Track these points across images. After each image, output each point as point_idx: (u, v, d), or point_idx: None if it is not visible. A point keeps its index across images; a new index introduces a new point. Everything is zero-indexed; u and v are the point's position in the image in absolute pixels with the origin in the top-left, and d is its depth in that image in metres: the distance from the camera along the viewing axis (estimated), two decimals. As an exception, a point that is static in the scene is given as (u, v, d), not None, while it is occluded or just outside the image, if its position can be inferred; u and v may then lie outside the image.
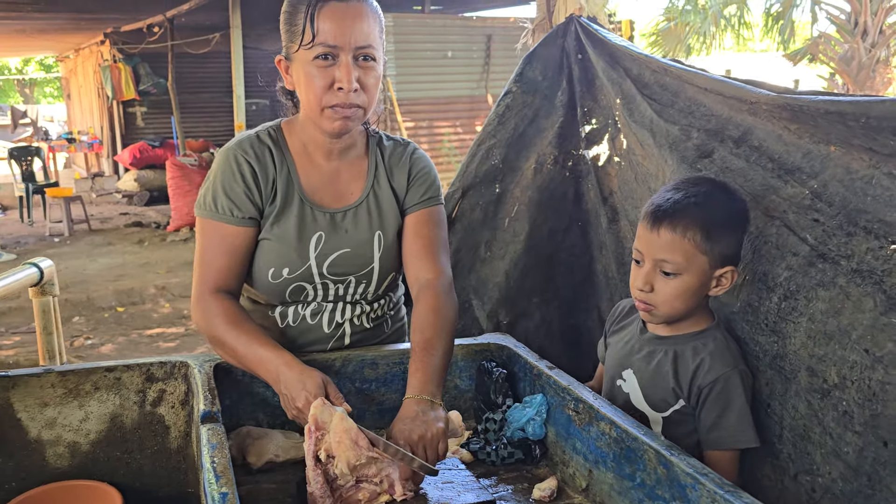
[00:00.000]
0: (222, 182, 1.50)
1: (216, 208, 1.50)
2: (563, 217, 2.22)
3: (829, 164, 1.33)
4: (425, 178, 1.62)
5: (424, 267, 1.55)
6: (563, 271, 2.24)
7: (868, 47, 10.89)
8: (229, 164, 1.51)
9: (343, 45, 1.39)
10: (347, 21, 1.39)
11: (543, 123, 2.21)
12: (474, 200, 2.25)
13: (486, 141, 2.25)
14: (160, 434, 1.51)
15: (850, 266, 1.25)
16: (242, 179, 1.50)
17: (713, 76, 1.59)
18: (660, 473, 1.17)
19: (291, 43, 1.43)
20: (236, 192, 1.50)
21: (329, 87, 1.41)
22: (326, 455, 1.26)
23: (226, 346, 1.45)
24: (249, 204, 1.50)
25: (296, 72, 1.45)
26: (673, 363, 1.39)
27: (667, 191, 1.40)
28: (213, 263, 1.50)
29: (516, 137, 2.22)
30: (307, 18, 1.39)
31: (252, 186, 1.50)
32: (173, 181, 9.27)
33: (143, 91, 12.37)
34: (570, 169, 2.21)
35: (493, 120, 2.25)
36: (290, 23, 1.43)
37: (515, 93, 2.23)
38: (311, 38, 1.39)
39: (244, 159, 1.51)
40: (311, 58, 1.40)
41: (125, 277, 7.15)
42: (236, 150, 1.52)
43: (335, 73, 1.40)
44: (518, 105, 2.22)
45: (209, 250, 1.51)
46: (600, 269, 2.20)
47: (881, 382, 1.16)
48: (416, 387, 1.37)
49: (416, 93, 9.54)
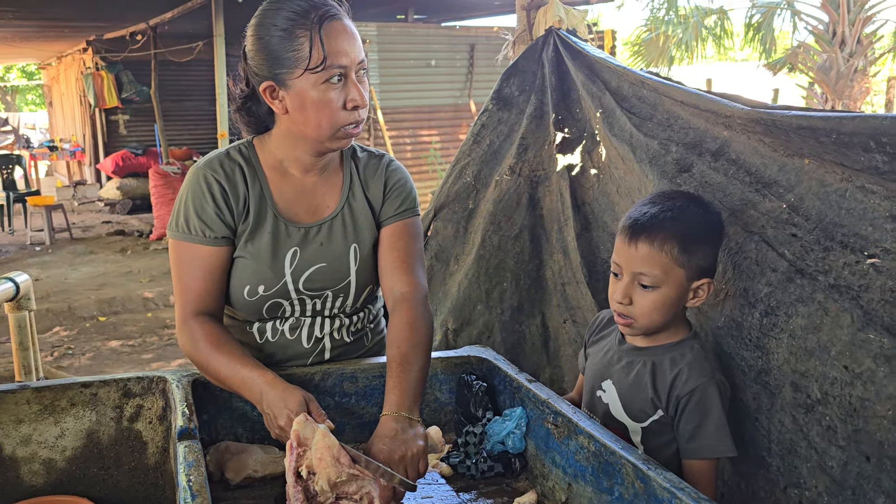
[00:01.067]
0: (193, 203, 1.49)
1: (188, 229, 1.48)
2: (515, 225, 2.25)
3: (804, 177, 1.35)
4: (401, 189, 1.60)
5: (400, 280, 1.54)
6: (509, 278, 2.26)
7: (846, 57, 11.03)
8: (199, 184, 1.49)
9: (350, 65, 1.39)
10: (349, 39, 1.39)
11: (515, 137, 2.23)
12: (447, 218, 2.28)
13: (462, 160, 2.28)
14: (137, 450, 1.49)
15: (827, 281, 1.26)
16: (213, 199, 1.48)
17: (689, 89, 1.61)
18: (637, 487, 1.17)
19: (290, 68, 1.38)
20: (207, 213, 1.48)
21: (343, 108, 1.40)
22: (307, 471, 1.25)
23: (210, 369, 1.44)
24: (221, 223, 1.49)
25: (296, 98, 1.40)
26: (651, 374, 1.40)
27: (643, 205, 1.41)
28: (191, 287, 1.49)
29: (490, 154, 2.25)
30: (314, 41, 1.36)
31: (223, 206, 1.49)
32: (156, 189, 9.21)
33: (126, 99, 12.27)
34: (525, 176, 2.23)
35: (469, 139, 2.28)
36: (286, 48, 1.38)
37: (491, 110, 2.25)
38: (321, 61, 1.36)
39: (214, 178, 1.49)
40: (321, 81, 1.37)
41: (107, 286, 7.09)
42: (205, 169, 1.50)
43: (348, 92, 1.40)
44: (493, 122, 2.25)
45: (186, 274, 1.50)
46: (549, 274, 2.22)
47: (861, 399, 1.17)
48: (393, 403, 1.36)
49: (400, 101, 9.55)
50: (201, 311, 1.49)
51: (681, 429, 1.36)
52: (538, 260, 2.24)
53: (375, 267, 1.59)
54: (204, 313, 1.49)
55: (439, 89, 9.91)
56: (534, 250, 2.25)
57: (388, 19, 10.76)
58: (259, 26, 1.42)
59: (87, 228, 10.53)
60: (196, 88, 12.70)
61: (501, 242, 2.23)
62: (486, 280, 2.24)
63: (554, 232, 2.19)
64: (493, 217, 2.22)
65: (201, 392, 1.47)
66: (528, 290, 2.26)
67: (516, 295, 2.26)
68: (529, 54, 2.24)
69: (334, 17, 1.39)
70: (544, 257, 2.23)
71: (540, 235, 2.23)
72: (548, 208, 2.22)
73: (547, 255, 2.22)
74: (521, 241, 2.25)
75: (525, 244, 2.25)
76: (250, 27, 1.45)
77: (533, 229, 2.24)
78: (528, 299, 2.26)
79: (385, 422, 1.34)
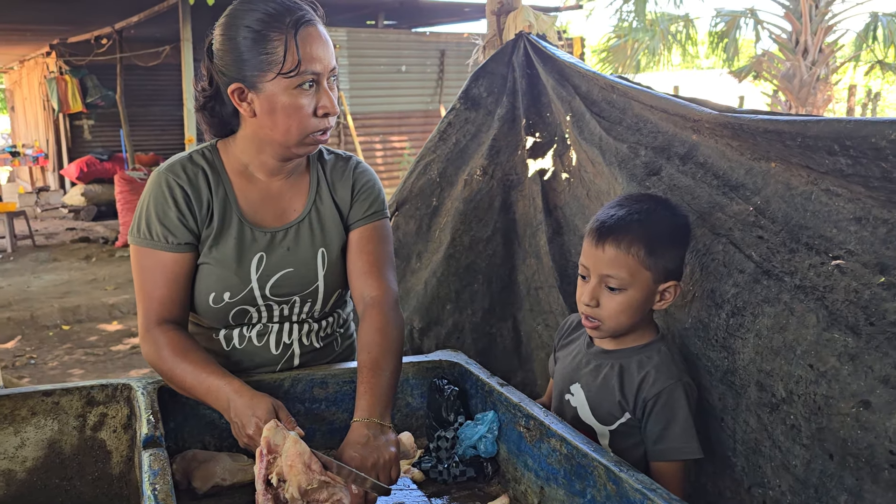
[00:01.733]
0: (155, 208, 1.45)
1: (150, 235, 1.45)
2: (487, 226, 2.24)
3: (770, 180, 1.36)
4: (369, 192, 1.59)
5: (370, 284, 1.52)
6: (480, 280, 2.26)
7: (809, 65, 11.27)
8: (161, 188, 1.46)
9: (323, 71, 1.38)
10: (323, 45, 1.38)
11: (483, 137, 2.24)
12: (409, 214, 2.27)
13: (427, 156, 2.27)
14: (101, 460, 1.46)
15: (793, 282, 1.27)
16: (175, 204, 1.45)
17: (657, 94, 1.62)
18: (609, 489, 1.17)
19: (261, 71, 1.36)
20: (170, 218, 1.45)
21: (314, 115, 1.39)
22: (278, 479, 1.24)
23: (175, 378, 1.41)
24: (184, 229, 1.46)
25: (265, 101, 1.38)
26: (619, 376, 1.40)
27: (610, 207, 1.42)
28: (154, 295, 1.46)
29: (457, 153, 2.24)
30: (289, 46, 1.34)
31: (185, 211, 1.45)
32: (122, 195, 9.07)
33: (91, 104, 12.08)
34: (498, 179, 2.23)
35: (434, 136, 2.27)
36: (258, 50, 1.35)
37: (459, 109, 2.25)
38: (295, 66, 1.34)
39: (176, 183, 1.46)
40: (293, 86, 1.36)
41: (71, 294, 6.95)
42: (167, 174, 1.47)
43: (319, 99, 1.38)
44: (460, 121, 2.24)
45: (148, 281, 1.46)
46: (522, 279, 2.23)
47: (825, 397, 1.18)
48: (364, 409, 1.34)
49: (370, 107, 9.54)
50: (165, 320, 1.46)
51: (648, 431, 1.37)
52: (510, 264, 2.24)
53: (344, 271, 1.57)
54: (168, 321, 1.46)
55: (409, 95, 9.92)
56: (506, 254, 2.25)
57: (359, 25, 10.74)
58: (229, 26, 1.39)
59: (51, 235, 10.32)
60: (163, 93, 12.54)
61: (472, 243, 2.22)
62: (455, 280, 2.23)
63: (527, 237, 2.20)
64: (463, 216, 2.21)
65: (167, 399, 1.44)
66: (500, 292, 2.26)
67: (487, 297, 2.25)
68: (499, 57, 2.25)
69: (309, 23, 1.37)
70: (517, 262, 2.23)
71: (513, 239, 2.24)
72: (521, 213, 2.22)
73: (519, 259, 2.22)
74: (493, 243, 2.24)
75: (497, 247, 2.25)
76: (219, 26, 1.42)
77: (506, 233, 2.25)
78: (500, 302, 2.26)
79: (356, 428, 1.32)
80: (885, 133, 1.00)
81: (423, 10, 10.42)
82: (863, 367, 1.12)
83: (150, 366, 1.48)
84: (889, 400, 1.08)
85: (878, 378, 1.10)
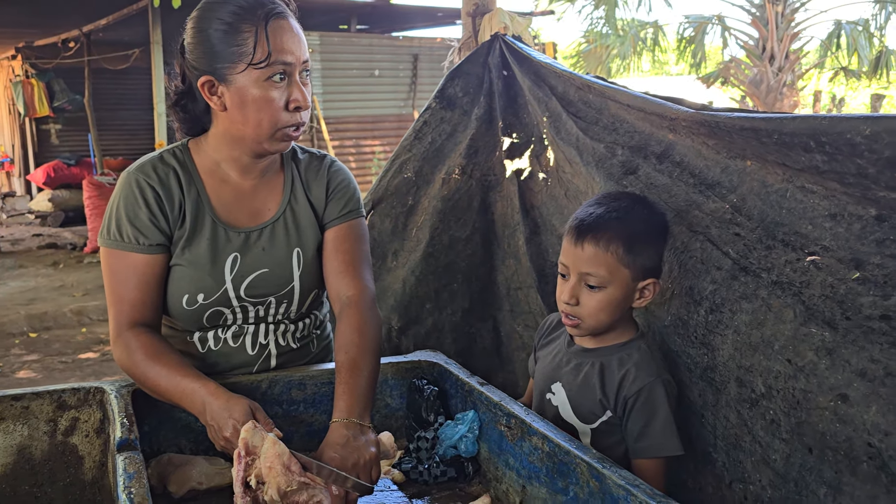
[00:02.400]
0: (125, 209, 1.42)
1: (121, 237, 1.42)
2: (466, 226, 2.24)
3: (746, 178, 1.38)
4: (344, 191, 1.57)
5: (346, 283, 1.51)
6: (460, 279, 2.26)
7: (775, 71, 11.48)
8: (131, 189, 1.43)
9: (295, 63, 1.36)
10: (294, 38, 1.36)
11: (460, 137, 2.24)
12: (385, 212, 2.26)
13: (402, 155, 2.26)
14: (73, 465, 1.43)
15: (770, 278, 1.28)
16: (146, 205, 1.42)
17: (634, 93, 1.63)
18: (592, 486, 1.17)
19: (232, 63, 1.34)
20: (141, 219, 1.42)
21: (285, 108, 1.37)
22: (257, 481, 1.22)
23: (148, 382, 1.38)
24: (156, 230, 1.43)
25: (236, 94, 1.36)
26: (599, 375, 1.41)
27: (589, 206, 1.42)
28: (125, 298, 1.43)
29: (433, 152, 2.24)
30: (260, 37, 1.32)
31: (157, 212, 1.43)
32: (90, 201, 8.91)
33: (58, 108, 11.87)
34: (477, 179, 2.24)
35: (410, 135, 2.26)
36: (229, 42, 1.34)
37: (434, 108, 2.25)
38: (265, 57, 1.33)
39: (147, 183, 1.43)
40: (263, 78, 1.34)
41: (38, 301, 6.80)
42: (137, 174, 1.44)
43: (291, 92, 1.36)
44: (436, 120, 2.24)
45: (120, 284, 1.43)
46: (502, 279, 2.23)
47: (803, 391, 1.19)
48: (343, 410, 1.32)
49: (343, 111, 9.51)
50: (137, 323, 1.43)
51: (629, 429, 1.37)
52: (490, 264, 2.24)
53: (320, 271, 1.55)
54: (140, 324, 1.43)
55: (383, 99, 9.91)
56: (486, 254, 2.24)
57: (331, 29, 10.70)
58: (201, 19, 1.38)
59: (17, 241, 10.11)
60: (132, 97, 12.35)
61: (452, 242, 2.22)
62: (434, 279, 2.22)
63: (505, 237, 2.20)
64: (442, 215, 2.20)
65: (142, 403, 1.41)
66: (480, 293, 2.25)
67: (467, 297, 2.25)
68: (475, 58, 2.25)
69: (281, 15, 1.36)
70: (496, 262, 2.23)
71: (492, 240, 2.24)
72: (499, 213, 2.22)
73: (499, 260, 2.22)
74: (472, 243, 2.24)
75: (477, 247, 2.24)
76: (191, 20, 1.40)
77: (485, 233, 2.25)
78: (480, 302, 2.25)
79: (335, 429, 1.30)
80: (860, 129, 1.02)
81: (396, 14, 10.42)
82: (840, 360, 1.14)
83: (122, 370, 1.44)
84: (866, 393, 1.09)
85: (855, 371, 1.11)
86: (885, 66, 11.38)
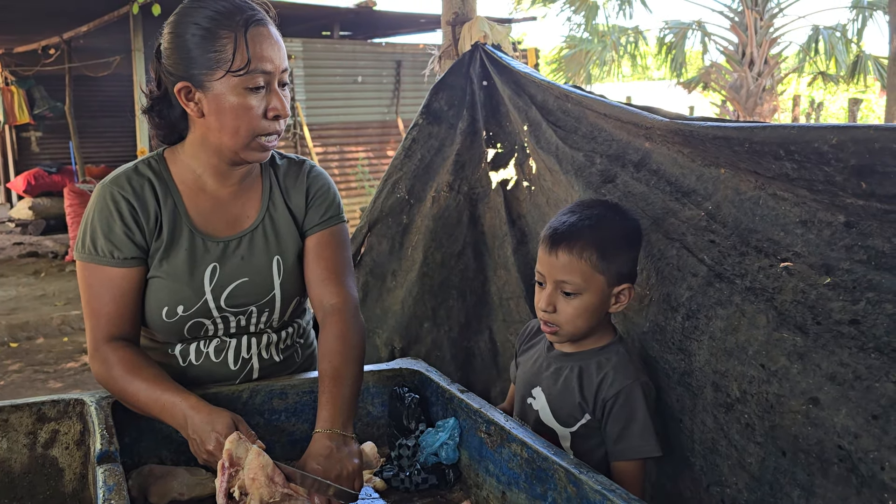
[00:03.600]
0: (100, 223, 1.41)
1: (95, 251, 1.41)
2: (457, 242, 2.26)
3: (720, 185, 1.40)
4: (324, 196, 1.56)
5: (329, 291, 1.50)
6: (455, 295, 2.28)
7: (755, 76, 11.59)
8: (105, 202, 1.42)
9: (274, 71, 1.35)
10: (273, 46, 1.35)
11: (447, 152, 2.25)
12: (382, 233, 2.27)
13: (394, 174, 2.28)
14: (53, 478, 1.42)
15: (744, 284, 1.31)
16: (120, 218, 1.41)
17: (611, 102, 1.65)
18: (570, 492, 1.18)
19: (209, 69, 1.33)
20: (115, 233, 1.41)
21: (261, 117, 1.36)
22: (240, 492, 1.22)
23: (127, 397, 1.38)
24: (131, 244, 1.42)
25: (213, 101, 1.35)
26: (578, 378, 1.42)
27: (563, 214, 1.45)
28: (102, 312, 1.42)
29: (422, 169, 2.25)
30: (239, 44, 1.31)
31: (132, 224, 1.42)
32: (72, 209, 8.84)
33: (39, 115, 11.78)
34: (465, 194, 2.26)
35: (400, 153, 2.28)
36: (207, 48, 1.33)
37: (421, 125, 2.26)
38: (244, 64, 1.31)
39: (121, 196, 1.42)
40: (242, 86, 1.33)
41: (19, 311, 6.74)
42: (111, 187, 1.43)
43: (270, 100, 1.35)
44: (424, 136, 2.26)
45: (96, 298, 1.42)
46: (494, 290, 2.24)
47: (777, 395, 1.21)
48: (326, 420, 1.33)
49: (327, 118, 9.49)
50: (114, 337, 1.42)
51: (608, 431, 1.39)
52: (483, 276, 2.26)
53: (301, 279, 1.54)
54: (117, 338, 1.42)
55: (366, 105, 9.89)
56: (478, 267, 2.27)
57: (314, 36, 10.69)
58: (178, 24, 1.36)
59: (-3, 250, 10.01)
60: (114, 104, 12.27)
61: (444, 259, 2.24)
62: (430, 298, 2.25)
63: (495, 248, 2.22)
64: (433, 234, 2.23)
65: (122, 415, 1.41)
66: (475, 306, 2.27)
67: (462, 312, 2.27)
68: (457, 69, 2.26)
69: (260, 22, 1.35)
70: (488, 274, 2.25)
71: (483, 252, 2.26)
72: (488, 224, 2.24)
73: (491, 271, 2.25)
74: (464, 258, 2.26)
75: (469, 261, 2.27)
76: (168, 24, 1.39)
77: (475, 246, 2.27)
78: (475, 316, 2.27)
79: (318, 439, 1.31)
80: (827, 138, 1.04)
81: (378, 21, 10.42)
82: (811, 365, 1.16)
83: (100, 384, 1.44)
84: (836, 397, 1.11)
85: (825, 375, 1.14)
86: (862, 71, 11.53)
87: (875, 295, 1.08)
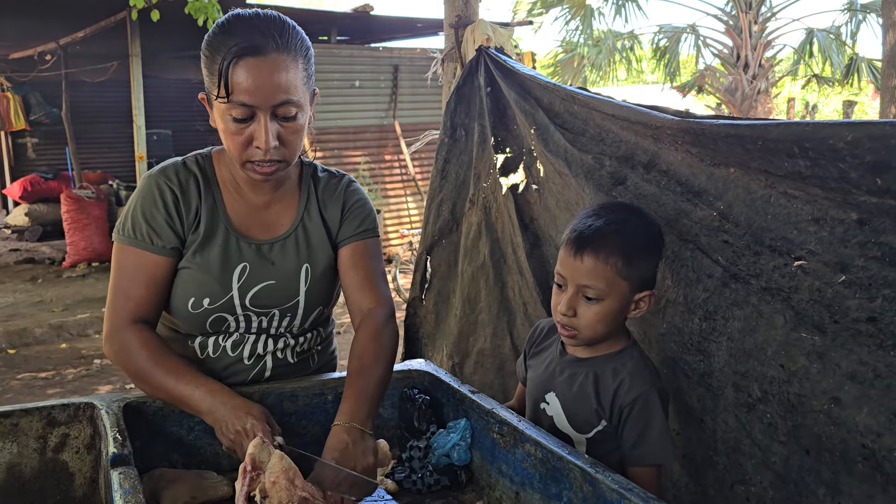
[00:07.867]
0: (143, 208, 1.45)
1: (135, 234, 1.45)
2: (480, 254, 2.31)
3: (731, 184, 1.40)
4: (360, 210, 1.59)
5: (366, 297, 1.53)
6: (483, 308, 2.31)
7: (750, 79, 11.63)
8: (151, 190, 1.46)
9: (260, 104, 1.31)
10: (264, 78, 1.30)
11: (472, 166, 2.32)
12: (440, 257, 2.35)
13: (435, 197, 2.33)
14: (63, 482, 1.41)
15: (759, 285, 1.30)
16: (164, 207, 1.45)
17: (619, 102, 1.65)
18: (586, 491, 1.18)
19: (210, 89, 1.36)
20: (157, 220, 1.45)
21: (248, 144, 1.35)
22: (261, 496, 1.23)
23: (150, 381, 1.40)
24: (171, 233, 1.45)
25: (216, 116, 1.39)
26: (594, 385, 1.41)
27: (587, 217, 1.42)
28: (130, 293, 1.44)
29: (458, 186, 2.29)
30: (223, 73, 1.30)
31: (174, 214, 1.46)
32: (69, 214, 8.81)
33: (35, 121, 11.75)
34: (480, 205, 2.28)
35: (435, 176, 2.32)
36: (208, 68, 1.35)
37: (448, 144, 2.29)
38: (225, 95, 1.31)
39: (167, 186, 1.46)
40: (227, 112, 1.33)
41: (16, 317, 6.71)
42: (159, 176, 1.48)
43: (253, 131, 1.33)
44: (454, 154, 2.29)
45: (126, 279, 1.45)
46: (512, 295, 2.25)
47: (798, 395, 1.21)
48: (346, 413, 1.34)
49: (325, 122, 9.48)
50: (139, 319, 1.44)
51: (625, 437, 1.38)
52: (501, 283, 2.29)
53: (327, 289, 1.57)
54: (141, 321, 1.44)
55: (364, 110, 9.88)
56: (497, 275, 2.29)
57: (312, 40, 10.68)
58: (205, 41, 1.38)
59: (-7, 257, 9.97)
60: (111, 110, 12.24)
61: (474, 273, 2.30)
62: (469, 312, 2.32)
63: (510, 254, 2.23)
64: (465, 250, 2.30)
65: (133, 418, 1.40)
66: (498, 314, 2.30)
67: (490, 323, 2.31)
68: (468, 79, 2.28)
69: (253, 51, 1.30)
70: (506, 279, 2.27)
71: (499, 259, 2.28)
72: (501, 231, 2.26)
73: (508, 276, 2.26)
74: (486, 268, 2.30)
75: (489, 270, 2.30)
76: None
77: (493, 254, 2.30)
78: (499, 323, 2.30)
79: (336, 433, 1.31)
80: (843, 135, 1.04)
81: (375, 25, 10.42)
82: (830, 364, 1.16)
83: (117, 365, 1.46)
84: (857, 396, 1.11)
85: (845, 375, 1.13)
86: (856, 73, 11.57)
87: (891, 292, 1.08)
